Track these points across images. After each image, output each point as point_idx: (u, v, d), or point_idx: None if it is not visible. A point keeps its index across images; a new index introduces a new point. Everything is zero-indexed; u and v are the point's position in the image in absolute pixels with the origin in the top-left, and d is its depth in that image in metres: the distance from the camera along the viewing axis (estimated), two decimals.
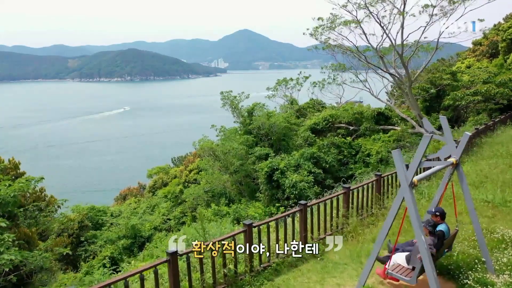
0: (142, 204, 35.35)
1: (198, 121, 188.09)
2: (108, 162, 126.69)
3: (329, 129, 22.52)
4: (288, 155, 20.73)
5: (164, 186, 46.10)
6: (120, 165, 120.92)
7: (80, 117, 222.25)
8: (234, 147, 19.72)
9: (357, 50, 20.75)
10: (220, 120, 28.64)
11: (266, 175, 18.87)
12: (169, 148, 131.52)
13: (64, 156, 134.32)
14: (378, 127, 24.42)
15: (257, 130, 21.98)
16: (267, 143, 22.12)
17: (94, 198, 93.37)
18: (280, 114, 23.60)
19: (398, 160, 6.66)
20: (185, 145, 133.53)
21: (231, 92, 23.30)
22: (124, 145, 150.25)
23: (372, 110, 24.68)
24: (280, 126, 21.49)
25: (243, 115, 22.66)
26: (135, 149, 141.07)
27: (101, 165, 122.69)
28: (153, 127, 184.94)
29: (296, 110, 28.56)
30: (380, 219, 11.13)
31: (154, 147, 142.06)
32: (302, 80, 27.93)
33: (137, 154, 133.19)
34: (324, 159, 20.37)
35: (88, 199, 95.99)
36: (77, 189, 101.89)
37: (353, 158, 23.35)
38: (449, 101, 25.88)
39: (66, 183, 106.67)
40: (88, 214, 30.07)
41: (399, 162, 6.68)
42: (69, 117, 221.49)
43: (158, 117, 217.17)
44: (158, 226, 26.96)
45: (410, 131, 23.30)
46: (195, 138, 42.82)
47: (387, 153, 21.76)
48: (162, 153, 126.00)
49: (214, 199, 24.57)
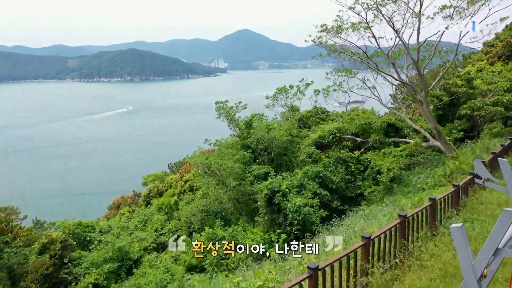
0: (134, 219, 33.23)
1: (201, 121, 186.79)
2: (111, 163, 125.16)
3: (336, 143, 20.38)
4: (290, 174, 18.61)
5: (159, 195, 44.08)
6: (122, 166, 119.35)
7: (82, 117, 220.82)
8: (229, 166, 17.60)
9: (367, 56, 18.62)
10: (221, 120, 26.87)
11: (266, 198, 16.76)
12: (173, 148, 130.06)
13: (65, 157, 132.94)
14: (388, 140, 22.28)
15: (255, 143, 19.86)
16: (267, 158, 20.01)
17: (95, 200, 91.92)
18: (280, 126, 21.45)
19: (459, 239, 4.47)
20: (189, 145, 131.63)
21: (227, 103, 21.16)
22: (127, 145, 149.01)
23: (381, 121, 22.52)
24: (281, 140, 19.38)
25: (240, 127, 20.52)
26: (138, 149, 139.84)
27: (104, 166, 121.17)
28: (157, 127, 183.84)
29: (298, 119, 26.41)
30: (406, 272, 9.05)
31: (157, 147, 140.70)
32: (304, 87, 25.73)
33: (141, 155, 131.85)
34: (331, 179, 18.24)
35: (89, 200, 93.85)
36: (79, 191, 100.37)
37: (361, 174, 21.22)
38: (465, 110, 23.73)
39: (68, 184, 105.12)
40: (74, 231, 27.98)
41: (461, 242, 4.49)
42: (70, 117, 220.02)
43: (161, 117, 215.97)
44: (149, 246, 24.83)
45: (424, 145, 21.15)
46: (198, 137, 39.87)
47: (400, 170, 19.64)
48: (166, 153, 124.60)
49: (209, 217, 22.48)
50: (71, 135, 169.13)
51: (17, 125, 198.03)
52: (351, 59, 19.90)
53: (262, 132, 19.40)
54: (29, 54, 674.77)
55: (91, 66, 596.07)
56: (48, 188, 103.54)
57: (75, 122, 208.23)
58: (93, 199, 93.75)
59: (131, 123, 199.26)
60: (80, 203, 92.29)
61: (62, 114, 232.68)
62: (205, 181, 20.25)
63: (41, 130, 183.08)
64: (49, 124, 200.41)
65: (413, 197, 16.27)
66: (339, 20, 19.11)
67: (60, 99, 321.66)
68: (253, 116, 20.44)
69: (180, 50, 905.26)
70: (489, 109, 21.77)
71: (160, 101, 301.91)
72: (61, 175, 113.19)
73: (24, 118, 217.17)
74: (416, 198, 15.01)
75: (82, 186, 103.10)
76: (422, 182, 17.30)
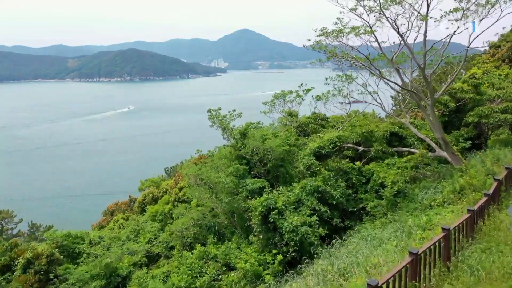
0: (126, 229, 31.95)
1: (201, 121, 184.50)
2: (112, 163, 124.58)
3: (336, 153, 19.10)
4: (287, 188, 17.33)
5: (154, 202, 42.84)
6: (124, 167, 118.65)
7: (83, 117, 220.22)
8: (221, 181, 16.32)
9: (370, 62, 17.30)
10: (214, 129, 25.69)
11: (261, 216, 15.50)
12: (175, 148, 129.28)
13: (66, 157, 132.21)
14: (392, 150, 20.99)
15: (250, 154, 18.59)
16: (263, 170, 18.75)
17: (95, 201, 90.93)
18: (277, 136, 20.17)
19: None
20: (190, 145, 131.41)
21: (220, 110, 19.85)
22: (129, 145, 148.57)
23: (384, 129, 21.23)
24: (277, 151, 18.10)
25: (234, 136, 19.24)
26: (140, 149, 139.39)
27: (105, 167, 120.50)
28: (159, 126, 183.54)
29: (296, 126, 25.14)
30: None
31: (159, 147, 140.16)
32: (303, 93, 24.44)
33: (143, 155, 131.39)
34: (331, 194, 16.96)
35: (89, 201, 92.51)
36: (79, 192, 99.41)
37: (363, 186, 19.95)
38: (473, 118, 22.45)
39: (69, 185, 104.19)
40: (63, 243, 26.74)
41: None
42: (71, 117, 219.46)
43: (162, 117, 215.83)
44: (139, 261, 23.56)
45: (430, 155, 19.85)
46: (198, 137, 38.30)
47: (404, 183, 18.35)
48: (168, 153, 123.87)
49: (202, 231, 21.22)
50: (72, 135, 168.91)
51: (17, 125, 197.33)
52: (352, 65, 18.58)
53: (257, 142, 18.14)
54: (29, 54, 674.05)
55: (91, 66, 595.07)
56: (48, 189, 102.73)
57: (76, 122, 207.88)
58: (93, 200, 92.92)
59: (132, 123, 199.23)
60: (79, 204, 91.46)
61: (63, 114, 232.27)
62: (197, 194, 18.98)
63: (42, 131, 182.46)
64: (49, 124, 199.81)
65: (420, 215, 15.02)
66: (340, 23, 17.83)
67: (60, 99, 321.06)
68: (248, 125, 19.16)
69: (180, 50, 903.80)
70: (497, 117, 20.51)
71: (160, 100, 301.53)
72: (62, 176, 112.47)
73: (24, 118, 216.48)
74: (424, 218, 13.77)
75: (82, 187, 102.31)
76: (430, 198, 16.03)
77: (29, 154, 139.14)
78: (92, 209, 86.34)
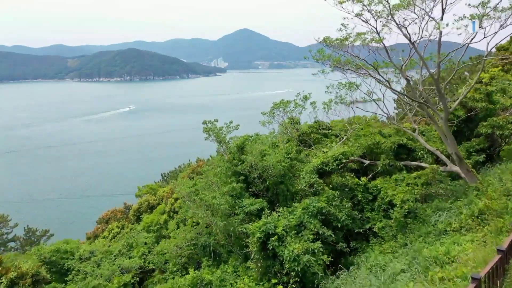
0: (119, 242, 30.54)
1: (201, 121, 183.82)
2: (114, 163, 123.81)
3: (341, 170, 17.67)
4: (287, 209, 15.91)
5: (150, 209, 41.51)
6: (125, 167, 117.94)
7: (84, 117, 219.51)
8: (215, 203, 14.89)
9: (378, 73, 15.88)
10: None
11: (259, 242, 14.08)
12: (178, 148, 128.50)
13: (69, 157, 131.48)
14: (400, 164, 19.56)
15: (248, 170, 17.18)
16: (262, 187, 17.34)
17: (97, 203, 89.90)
18: (277, 147, 18.75)
19: None
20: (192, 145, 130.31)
21: (216, 122, 18.42)
22: (131, 145, 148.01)
23: (391, 141, 19.79)
24: (277, 168, 16.69)
25: (231, 150, 17.82)
26: (143, 150, 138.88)
27: (106, 167, 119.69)
28: (160, 126, 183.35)
29: (297, 136, 23.72)
30: None
31: (161, 147, 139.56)
32: (302, 101, 23.01)
33: (146, 155, 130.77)
34: (335, 216, 15.54)
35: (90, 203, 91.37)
36: (78, 193, 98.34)
37: (369, 204, 18.52)
38: (485, 129, 21.05)
39: (69, 186, 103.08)
40: (51, 259, 25.35)
41: None
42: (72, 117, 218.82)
43: (163, 117, 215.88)
44: (129, 281, 22.13)
45: (441, 169, 18.42)
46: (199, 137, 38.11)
47: (415, 202, 16.92)
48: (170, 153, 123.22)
49: (196, 251, 19.82)
50: (73, 135, 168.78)
51: (17, 125, 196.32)
52: (358, 75, 17.13)
53: (255, 158, 16.73)
54: (29, 54, 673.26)
55: (91, 66, 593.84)
56: (47, 190, 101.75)
57: (76, 122, 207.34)
58: (93, 201, 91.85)
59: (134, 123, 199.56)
60: (79, 206, 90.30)
61: (63, 114, 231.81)
62: (191, 214, 17.53)
63: (42, 131, 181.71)
64: (50, 124, 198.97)
65: (435, 243, 13.61)
66: (344, 29, 16.39)
67: (61, 99, 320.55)
68: (245, 138, 17.72)
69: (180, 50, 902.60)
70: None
71: (161, 100, 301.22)
72: (62, 177, 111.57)
73: (24, 119, 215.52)
74: (441, 249, 12.31)
75: (82, 188, 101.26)
76: (444, 222, 14.60)
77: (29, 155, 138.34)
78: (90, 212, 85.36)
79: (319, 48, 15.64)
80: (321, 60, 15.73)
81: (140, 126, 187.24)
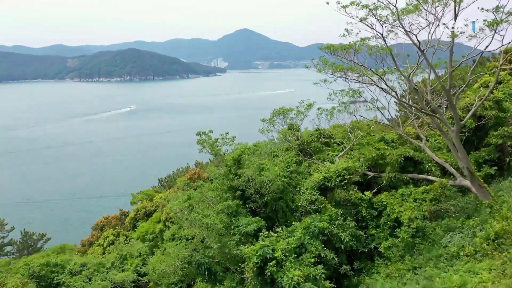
0: (111, 254, 29.41)
1: (202, 121, 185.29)
2: (114, 164, 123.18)
3: (344, 187, 16.56)
4: (287, 229, 14.80)
5: (146, 217, 40.39)
6: (126, 168, 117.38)
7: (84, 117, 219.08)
8: (209, 222, 13.76)
9: (385, 83, 14.74)
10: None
11: (256, 268, 12.97)
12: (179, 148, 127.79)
13: (70, 158, 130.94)
14: (406, 177, 18.45)
15: (245, 185, 16.08)
16: (259, 203, 16.22)
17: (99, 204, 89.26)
18: (276, 156, 17.65)
19: None
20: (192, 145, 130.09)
21: (211, 133, 17.31)
22: (132, 145, 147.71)
23: (397, 154, 18.65)
24: (276, 184, 15.58)
25: (227, 163, 16.71)
26: (144, 150, 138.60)
27: (107, 168, 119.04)
28: (161, 126, 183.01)
29: (298, 145, 22.59)
30: None
31: (162, 148, 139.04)
32: (304, 109, 21.89)
33: (147, 155, 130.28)
34: (338, 237, 14.43)
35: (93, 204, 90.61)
36: (79, 195, 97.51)
37: (374, 220, 17.42)
38: (496, 139, 19.94)
39: (70, 187, 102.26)
40: (40, 273, 24.24)
41: None
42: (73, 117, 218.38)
43: (163, 117, 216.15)
44: None
45: (450, 183, 17.29)
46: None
47: (423, 220, 15.82)
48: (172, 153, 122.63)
49: (190, 269, 18.69)
50: (74, 135, 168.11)
51: (17, 125, 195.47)
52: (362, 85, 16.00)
53: (252, 172, 15.62)
54: (29, 54, 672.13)
55: (91, 66, 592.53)
56: (47, 192, 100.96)
57: (78, 122, 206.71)
58: (93, 202, 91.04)
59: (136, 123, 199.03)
60: (78, 208, 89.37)
61: (64, 114, 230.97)
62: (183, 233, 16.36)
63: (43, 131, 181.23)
64: (51, 125, 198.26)
65: (448, 269, 12.50)
66: (348, 34, 15.27)
67: (61, 99, 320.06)
68: (242, 149, 16.61)
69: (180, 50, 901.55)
70: None
71: (162, 100, 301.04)
72: (62, 178, 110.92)
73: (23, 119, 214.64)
74: (455, 278, 11.20)
75: (82, 189, 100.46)
76: (457, 245, 13.48)
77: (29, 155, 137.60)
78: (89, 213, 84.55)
79: (322, 56, 14.51)
80: (324, 70, 14.61)
81: (142, 126, 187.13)
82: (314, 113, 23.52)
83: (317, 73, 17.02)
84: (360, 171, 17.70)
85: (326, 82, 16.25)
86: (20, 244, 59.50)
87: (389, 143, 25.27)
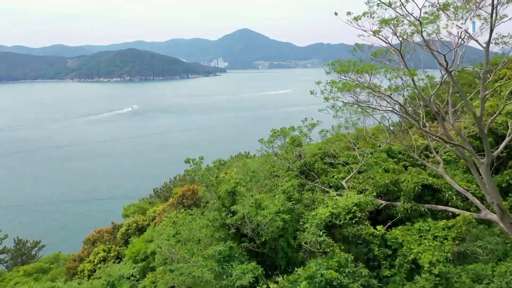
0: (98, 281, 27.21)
1: (202, 121, 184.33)
2: (115, 164, 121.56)
3: (354, 225, 14.39)
4: (287, 278, 12.63)
5: (138, 231, 38.29)
6: (127, 168, 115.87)
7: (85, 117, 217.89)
8: (196, 275, 11.59)
9: (406, 111, 12.58)
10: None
11: None
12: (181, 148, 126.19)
13: (70, 159, 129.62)
14: (424, 208, 16.28)
15: (240, 223, 13.95)
16: (257, 242, 14.08)
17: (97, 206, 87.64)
18: (277, 193, 15.51)
19: None
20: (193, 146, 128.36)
21: (202, 160, 15.15)
22: (132, 146, 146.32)
23: (413, 182, 16.49)
24: (276, 224, 13.43)
25: (220, 196, 14.59)
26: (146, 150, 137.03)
27: (108, 169, 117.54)
28: (161, 126, 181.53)
29: (299, 166, 20.42)
30: None
31: (163, 148, 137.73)
32: (307, 129, 19.75)
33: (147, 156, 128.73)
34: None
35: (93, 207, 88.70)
36: (79, 197, 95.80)
37: (388, 259, 15.24)
38: None
39: (71, 189, 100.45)
40: None
41: None
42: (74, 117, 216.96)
43: (164, 117, 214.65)
44: None
45: (474, 216, 15.12)
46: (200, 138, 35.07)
47: (447, 263, 13.63)
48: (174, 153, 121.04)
49: None
50: (75, 135, 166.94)
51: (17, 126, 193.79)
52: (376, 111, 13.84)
53: (248, 210, 13.49)
54: (28, 54, 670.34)
55: (91, 66, 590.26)
56: (47, 193, 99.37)
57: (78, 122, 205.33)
58: (93, 205, 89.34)
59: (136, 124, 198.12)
60: (77, 210, 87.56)
61: (65, 114, 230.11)
62: (174, 275, 14.21)
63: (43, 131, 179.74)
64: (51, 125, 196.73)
65: None
66: (359, 49, 13.13)
67: (61, 99, 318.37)
68: (237, 181, 14.46)
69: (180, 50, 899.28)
70: None
71: (162, 100, 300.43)
72: (61, 179, 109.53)
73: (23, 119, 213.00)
74: None
75: (83, 191, 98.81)
76: None
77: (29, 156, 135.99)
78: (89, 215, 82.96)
79: (332, 80, 12.36)
80: (332, 99, 12.49)
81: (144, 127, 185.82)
82: (321, 135, 21.35)
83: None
84: (373, 208, 15.50)
85: (333, 109, 14.09)
86: (13, 252, 57.63)
87: (396, 155, 23.07)
